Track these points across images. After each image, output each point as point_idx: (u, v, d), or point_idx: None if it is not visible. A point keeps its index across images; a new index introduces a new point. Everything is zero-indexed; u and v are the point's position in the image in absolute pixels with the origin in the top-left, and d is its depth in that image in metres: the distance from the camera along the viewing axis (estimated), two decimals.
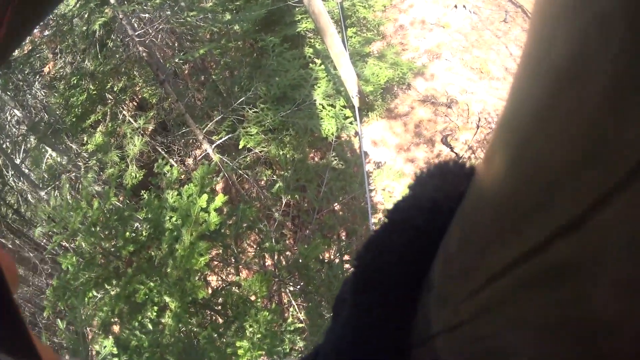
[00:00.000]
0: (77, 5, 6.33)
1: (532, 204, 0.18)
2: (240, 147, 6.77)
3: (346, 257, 5.26)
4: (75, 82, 7.14)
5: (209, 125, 6.79)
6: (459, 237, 0.31)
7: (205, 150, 6.79)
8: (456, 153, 8.19)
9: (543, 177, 0.17)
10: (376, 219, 6.15)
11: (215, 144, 6.79)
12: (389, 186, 7.32)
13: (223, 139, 6.84)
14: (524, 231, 0.19)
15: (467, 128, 8.45)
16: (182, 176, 6.32)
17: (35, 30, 8.12)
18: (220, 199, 3.94)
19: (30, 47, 7.73)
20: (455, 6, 10.47)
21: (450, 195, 0.39)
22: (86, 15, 6.52)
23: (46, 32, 7.61)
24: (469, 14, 10.32)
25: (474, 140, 8.27)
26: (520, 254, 0.19)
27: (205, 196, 3.87)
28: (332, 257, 5.61)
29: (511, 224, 0.21)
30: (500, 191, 0.22)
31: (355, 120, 6.39)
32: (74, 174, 7.87)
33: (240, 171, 7.00)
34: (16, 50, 7.52)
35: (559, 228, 0.16)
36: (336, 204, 6.68)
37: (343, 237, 6.68)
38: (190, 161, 8.52)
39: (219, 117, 6.85)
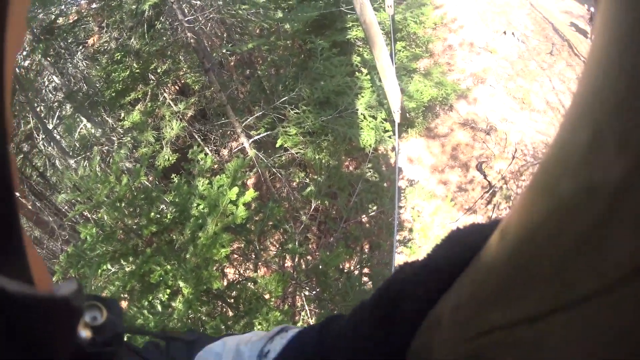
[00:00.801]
0: None
1: (527, 284, 0.23)
2: (277, 145, 6.78)
3: (366, 270, 5.22)
4: (119, 58, 7.22)
5: (249, 120, 6.81)
6: (469, 290, 0.35)
7: (242, 144, 6.80)
8: (489, 181, 8.14)
9: (541, 265, 0.22)
10: (401, 237, 6.11)
11: (252, 139, 6.80)
12: (418, 205, 7.28)
13: (261, 135, 6.85)
14: (513, 303, 0.24)
15: (502, 157, 8.40)
16: (215, 166, 6.34)
17: (83, 2, 8.25)
18: (250, 194, 3.93)
19: (76, 17, 7.84)
20: (505, 32, 10.49)
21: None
22: None
23: (94, 5, 7.70)
24: (517, 42, 10.33)
25: (508, 170, 8.21)
26: (504, 322, 0.25)
27: (235, 189, 3.86)
28: (352, 267, 5.58)
29: (506, 294, 0.26)
30: (505, 265, 0.26)
31: (394, 135, 6.36)
32: (106, 147, 7.94)
33: (274, 169, 7.01)
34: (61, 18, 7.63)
35: (549, 309, 0.21)
36: (364, 215, 6.65)
37: (366, 250, 6.65)
38: (225, 152, 8.56)
39: (260, 113, 6.86)
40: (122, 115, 7.93)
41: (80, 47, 8.58)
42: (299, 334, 0.64)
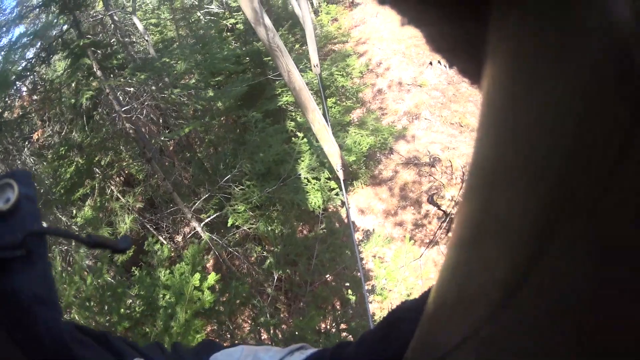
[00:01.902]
0: (65, 74, 6.40)
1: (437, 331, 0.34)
2: (228, 224, 6.80)
3: (343, 326, 5.22)
4: (63, 152, 7.15)
5: (196, 204, 6.80)
6: (418, 332, 0.43)
7: (194, 228, 6.77)
8: (443, 211, 8.20)
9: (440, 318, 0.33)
10: (369, 286, 6.13)
11: (204, 222, 6.78)
12: (379, 252, 7.25)
13: (211, 217, 6.85)
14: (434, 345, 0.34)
15: (452, 184, 8.46)
16: (172, 254, 6.29)
17: (24, 93, 8.18)
18: (212, 278, 3.98)
19: (20, 112, 7.77)
20: (430, 63, 10.64)
21: None
22: (73, 85, 6.60)
23: (35, 97, 7.65)
24: (444, 69, 10.44)
25: (460, 195, 8.28)
26: None
27: (197, 275, 3.90)
28: (328, 327, 5.57)
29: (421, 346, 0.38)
30: (428, 317, 0.36)
31: (341, 191, 6.40)
32: (64, 247, 7.79)
33: (230, 249, 6.96)
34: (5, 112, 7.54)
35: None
36: (328, 275, 6.64)
37: (338, 307, 6.61)
38: (179, 238, 8.48)
39: (206, 195, 6.86)
40: (74, 212, 7.83)
41: (27, 142, 8.47)
42: (317, 352, 0.73)
